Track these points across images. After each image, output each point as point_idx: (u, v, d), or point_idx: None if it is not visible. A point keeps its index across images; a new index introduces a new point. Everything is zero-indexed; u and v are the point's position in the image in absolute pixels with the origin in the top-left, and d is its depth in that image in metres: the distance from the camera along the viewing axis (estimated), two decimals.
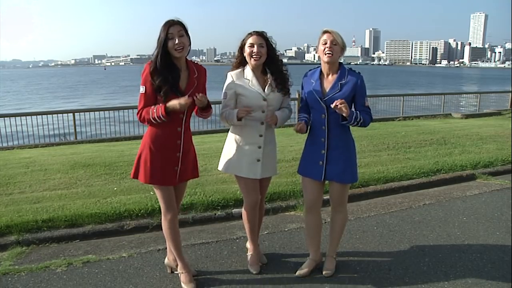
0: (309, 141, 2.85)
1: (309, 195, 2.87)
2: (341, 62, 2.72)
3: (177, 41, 2.45)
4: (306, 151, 2.88)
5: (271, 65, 2.80)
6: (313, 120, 2.78)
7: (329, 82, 2.69)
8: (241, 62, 2.83)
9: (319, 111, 2.71)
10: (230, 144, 2.90)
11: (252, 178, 2.85)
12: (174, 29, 2.46)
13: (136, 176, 2.67)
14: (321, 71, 2.74)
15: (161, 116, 2.45)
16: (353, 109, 2.69)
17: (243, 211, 2.97)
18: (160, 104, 2.47)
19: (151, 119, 2.49)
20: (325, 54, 2.61)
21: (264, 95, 2.76)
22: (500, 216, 4.01)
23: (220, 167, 2.96)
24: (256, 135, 2.81)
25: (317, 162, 2.77)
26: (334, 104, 2.52)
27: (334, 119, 2.64)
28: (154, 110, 2.47)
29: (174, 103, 2.42)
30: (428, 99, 15.00)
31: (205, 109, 2.65)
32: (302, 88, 2.83)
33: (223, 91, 2.82)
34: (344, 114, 2.54)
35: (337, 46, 2.61)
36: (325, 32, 2.64)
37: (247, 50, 2.73)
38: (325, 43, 2.62)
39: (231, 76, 2.81)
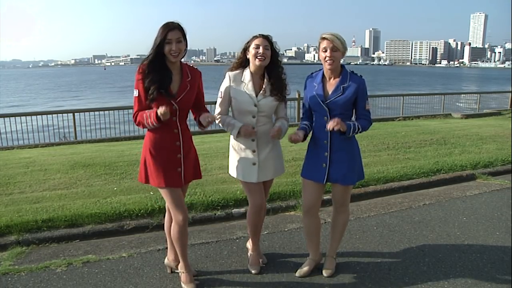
0: (312, 144, 2.85)
1: (309, 198, 2.87)
2: (343, 65, 2.72)
3: (174, 47, 2.45)
4: (309, 154, 2.87)
5: (272, 70, 2.79)
6: (316, 123, 2.78)
7: (331, 85, 2.69)
8: (242, 64, 2.82)
9: (321, 114, 2.71)
10: (231, 148, 2.92)
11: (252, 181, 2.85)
12: (172, 35, 2.44)
13: (146, 180, 2.65)
14: (323, 74, 2.74)
15: (153, 123, 2.46)
16: (352, 119, 2.69)
17: (248, 212, 2.96)
18: (153, 109, 2.46)
19: (145, 124, 2.50)
20: (326, 62, 2.61)
21: (255, 101, 2.75)
22: (500, 216, 4.01)
23: (229, 170, 2.98)
24: (249, 140, 2.81)
25: (320, 164, 2.76)
26: (328, 126, 2.53)
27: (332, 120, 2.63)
28: (148, 116, 2.48)
29: (159, 111, 2.40)
30: (428, 99, 14.99)
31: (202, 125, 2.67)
32: (305, 90, 2.82)
33: (220, 90, 2.82)
34: (341, 130, 2.55)
35: (337, 52, 2.59)
36: (324, 38, 2.60)
37: (252, 51, 2.71)
38: (326, 51, 2.60)
39: (229, 76, 2.80)
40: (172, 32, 2.44)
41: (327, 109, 2.66)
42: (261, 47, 2.69)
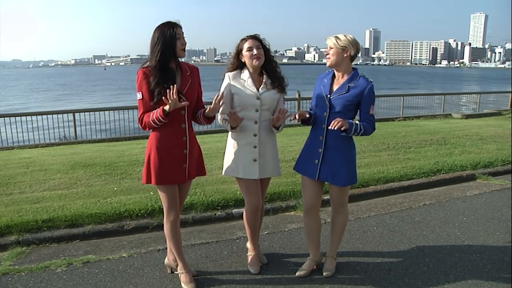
0: (309, 139, 2.87)
1: (308, 195, 2.87)
2: (355, 67, 2.73)
3: (183, 42, 2.50)
4: (305, 148, 2.89)
5: (268, 66, 2.84)
6: (316, 118, 2.79)
7: (338, 83, 2.73)
8: (236, 68, 2.86)
9: (322, 109, 2.73)
10: (229, 147, 2.93)
11: (252, 180, 2.85)
12: (179, 30, 2.50)
13: (148, 180, 2.63)
14: (334, 73, 2.78)
15: (159, 117, 2.45)
16: (356, 119, 2.71)
17: (244, 213, 2.97)
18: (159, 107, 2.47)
19: (151, 121, 2.49)
20: (327, 60, 2.73)
21: (258, 94, 2.78)
22: (500, 216, 4.01)
23: (223, 171, 2.98)
24: (251, 134, 2.82)
25: (313, 160, 2.78)
26: (331, 126, 2.55)
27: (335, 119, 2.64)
28: (155, 111, 2.48)
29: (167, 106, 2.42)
30: (428, 99, 14.99)
31: (210, 117, 2.68)
32: (315, 85, 2.85)
33: (220, 91, 2.82)
34: (344, 128, 2.55)
35: (333, 49, 2.65)
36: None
37: (246, 54, 2.76)
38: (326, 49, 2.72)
39: (228, 76, 2.84)
40: (178, 28, 2.49)
41: (328, 105, 2.69)
42: (254, 49, 2.74)
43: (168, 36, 2.45)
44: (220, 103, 2.57)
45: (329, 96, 2.70)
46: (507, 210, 4.17)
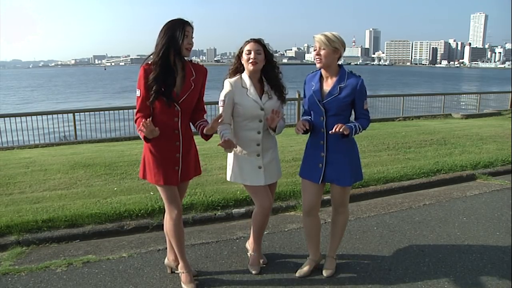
0: (309, 144, 2.85)
1: (308, 198, 2.87)
2: (341, 65, 2.71)
3: (191, 41, 2.49)
4: (306, 154, 2.88)
5: (269, 72, 2.80)
6: (314, 123, 2.78)
7: (328, 85, 2.69)
8: (237, 69, 2.83)
9: (318, 114, 2.71)
10: (232, 154, 2.89)
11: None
12: (189, 29, 2.48)
13: (144, 176, 2.70)
14: (321, 73, 2.74)
15: (142, 138, 2.48)
16: (352, 121, 2.70)
17: (254, 214, 2.94)
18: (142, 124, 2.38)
19: (138, 130, 2.46)
20: (316, 61, 2.66)
21: (261, 105, 2.75)
22: (500, 216, 4.01)
23: (227, 177, 2.96)
24: (254, 144, 2.81)
25: (316, 164, 2.77)
26: (333, 130, 2.53)
27: (333, 122, 2.62)
28: (139, 130, 2.41)
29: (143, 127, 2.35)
30: (428, 99, 14.99)
31: (208, 135, 2.65)
32: (304, 89, 2.83)
33: (220, 98, 2.77)
34: (345, 133, 2.54)
35: (325, 50, 2.59)
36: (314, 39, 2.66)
37: (244, 57, 2.73)
38: (315, 50, 2.65)
39: (229, 83, 2.77)
40: (189, 27, 2.48)
41: (324, 109, 2.66)
42: (252, 52, 2.69)
43: (175, 32, 2.43)
44: (219, 121, 2.50)
45: (322, 101, 2.66)
46: (507, 210, 4.17)
